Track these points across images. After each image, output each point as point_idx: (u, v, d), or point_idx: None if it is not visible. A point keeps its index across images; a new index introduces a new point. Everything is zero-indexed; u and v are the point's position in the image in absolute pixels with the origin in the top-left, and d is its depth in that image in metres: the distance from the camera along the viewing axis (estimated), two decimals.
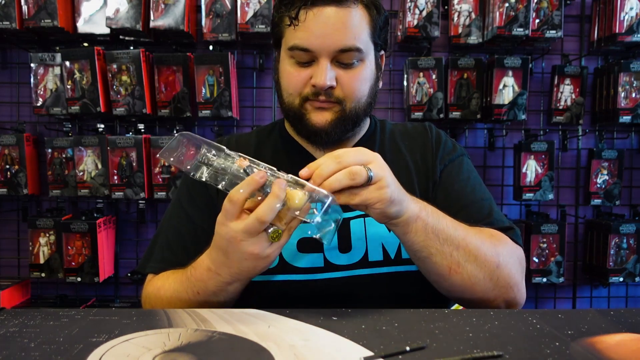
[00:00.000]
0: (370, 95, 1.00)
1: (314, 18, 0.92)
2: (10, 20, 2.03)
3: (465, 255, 0.86)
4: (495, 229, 0.96)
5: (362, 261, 0.97)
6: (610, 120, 2.18)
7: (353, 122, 0.99)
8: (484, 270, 0.87)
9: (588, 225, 2.32)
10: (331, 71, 0.94)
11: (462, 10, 2.15)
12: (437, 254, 0.84)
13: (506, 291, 0.90)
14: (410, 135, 1.10)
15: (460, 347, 0.66)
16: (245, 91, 2.28)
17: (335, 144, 1.02)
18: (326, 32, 0.92)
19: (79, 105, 2.06)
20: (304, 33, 0.93)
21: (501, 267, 0.89)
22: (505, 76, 2.14)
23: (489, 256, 0.88)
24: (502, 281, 0.89)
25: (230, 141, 1.12)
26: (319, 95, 0.95)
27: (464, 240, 0.86)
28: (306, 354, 0.64)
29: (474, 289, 0.87)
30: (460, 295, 0.90)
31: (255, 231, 0.74)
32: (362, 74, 0.97)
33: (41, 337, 0.69)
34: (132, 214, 2.30)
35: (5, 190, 2.13)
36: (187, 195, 1.07)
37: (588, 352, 0.65)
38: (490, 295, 0.89)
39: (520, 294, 0.93)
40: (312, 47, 0.93)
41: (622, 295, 2.38)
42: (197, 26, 2.19)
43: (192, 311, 0.80)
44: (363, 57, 0.96)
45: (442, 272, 0.86)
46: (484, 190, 1.06)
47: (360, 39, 0.94)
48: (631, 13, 2.09)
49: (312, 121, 0.97)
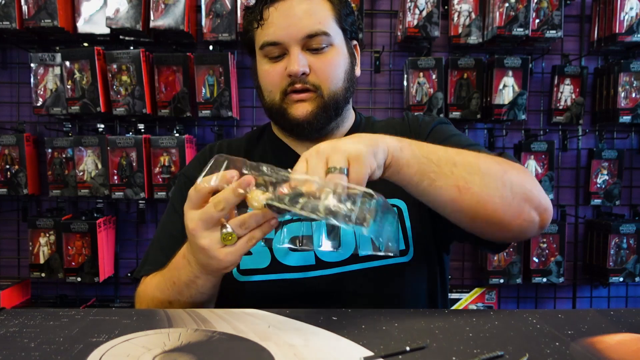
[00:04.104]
0: (346, 80, 1.02)
1: (277, 12, 0.97)
2: (10, 20, 2.03)
3: (466, 168, 0.80)
4: None
5: (352, 257, 0.97)
6: (610, 120, 2.18)
7: (334, 110, 1.00)
8: (493, 179, 0.81)
9: (588, 225, 2.31)
10: (303, 58, 0.97)
11: (462, 10, 2.16)
12: (438, 178, 0.79)
13: (526, 197, 0.83)
14: (392, 127, 1.10)
15: (460, 347, 0.66)
16: (245, 91, 2.28)
17: (321, 137, 1.03)
18: (291, 22, 0.96)
19: (79, 105, 2.06)
20: (270, 29, 0.97)
21: (508, 171, 0.83)
22: (505, 76, 2.14)
23: (491, 164, 0.83)
24: (517, 188, 0.82)
25: (222, 146, 1.13)
26: (296, 84, 0.97)
27: (459, 155, 0.82)
28: (306, 354, 0.64)
29: (493, 202, 0.80)
30: (484, 217, 0.82)
31: (209, 221, 0.73)
32: (334, 58, 0.99)
33: (41, 337, 0.69)
34: (132, 214, 2.30)
35: (5, 190, 2.13)
36: (179, 199, 1.08)
37: (588, 352, 0.65)
38: (514, 206, 0.82)
39: (544, 197, 0.85)
40: (280, 39, 0.97)
41: (622, 295, 2.38)
42: (197, 26, 2.19)
43: (192, 311, 0.80)
44: (332, 42, 0.99)
45: (452, 195, 0.80)
46: (470, 140, 1.02)
47: (326, 23, 0.98)
48: (631, 13, 2.09)
49: (293, 114, 0.99)
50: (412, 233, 0.99)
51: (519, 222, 0.83)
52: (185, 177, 1.10)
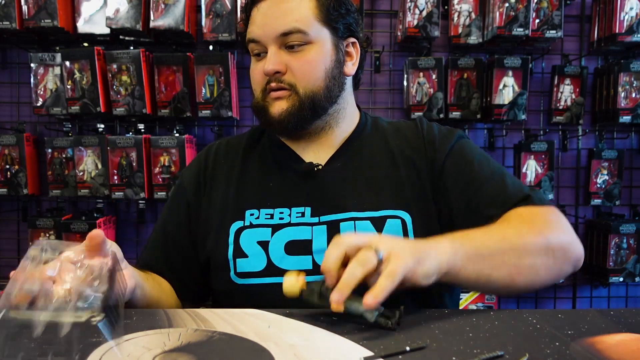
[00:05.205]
0: (326, 80, 1.00)
1: (258, 11, 0.99)
2: (10, 20, 2.03)
3: (516, 253, 0.84)
4: (516, 205, 0.95)
5: None
6: (610, 120, 2.18)
7: (311, 109, 0.99)
8: (539, 254, 0.85)
9: (588, 225, 2.31)
10: (277, 56, 0.97)
11: (462, 10, 2.15)
12: (492, 272, 0.83)
13: (566, 257, 0.89)
14: (402, 133, 1.08)
15: (460, 347, 0.66)
16: (245, 91, 2.28)
17: (312, 137, 1.04)
18: (267, 21, 0.97)
19: (79, 105, 2.06)
20: (252, 26, 1.00)
21: (550, 240, 0.87)
22: (505, 76, 2.14)
23: (535, 238, 0.86)
24: (558, 252, 0.87)
25: (220, 146, 1.13)
26: (271, 83, 0.98)
27: (505, 241, 0.85)
28: (306, 354, 0.64)
29: (540, 276, 0.86)
30: (532, 289, 0.89)
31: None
32: (311, 57, 0.98)
33: (41, 337, 0.69)
34: (132, 214, 2.30)
35: (5, 190, 2.13)
36: (169, 201, 1.12)
37: (588, 352, 0.65)
38: (556, 270, 0.88)
39: (578, 248, 0.91)
40: (257, 36, 0.98)
41: (622, 295, 2.38)
42: (197, 26, 2.19)
43: (192, 311, 0.80)
44: (310, 40, 0.98)
45: (506, 283, 0.84)
46: (492, 164, 1.03)
47: (304, 21, 0.97)
48: (631, 13, 2.09)
49: (270, 112, 0.99)
50: None
51: (563, 276, 0.92)
52: (180, 183, 1.11)
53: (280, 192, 1.02)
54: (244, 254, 0.98)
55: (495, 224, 0.90)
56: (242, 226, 1.00)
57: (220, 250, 0.99)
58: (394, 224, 0.97)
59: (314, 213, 0.99)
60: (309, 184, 1.02)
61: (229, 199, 1.04)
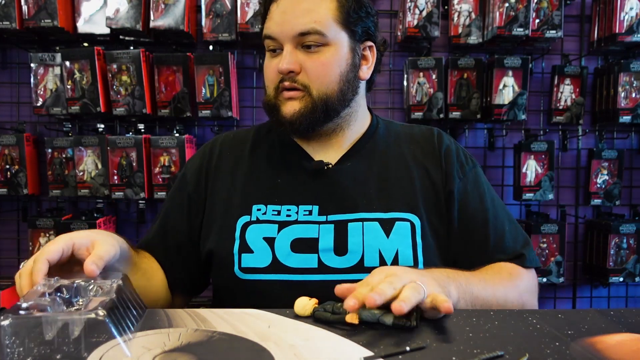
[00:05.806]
0: (340, 83, 0.99)
1: (277, 7, 0.97)
2: (10, 20, 2.02)
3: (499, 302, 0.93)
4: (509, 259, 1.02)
5: (357, 266, 0.96)
6: (610, 120, 2.18)
7: (323, 111, 0.98)
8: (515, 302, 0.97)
9: (588, 225, 2.31)
10: (292, 56, 0.96)
11: (462, 10, 2.15)
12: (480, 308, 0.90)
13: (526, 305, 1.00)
14: (417, 141, 1.08)
15: (460, 347, 0.66)
16: (245, 91, 2.28)
17: (322, 138, 1.04)
18: (286, 19, 0.96)
19: (79, 105, 2.06)
20: (269, 22, 0.99)
21: (525, 302, 0.99)
22: (505, 76, 2.14)
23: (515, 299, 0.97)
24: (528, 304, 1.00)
25: (227, 138, 1.12)
26: (285, 82, 0.97)
27: (494, 297, 0.93)
28: (306, 354, 0.64)
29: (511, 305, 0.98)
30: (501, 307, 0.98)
31: None
32: (327, 59, 0.97)
33: (41, 337, 0.69)
34: (132, 214, 2.30)
35: (5, 190, 2.13)
36: (172, 190, 1.12)
37: (588, 352, 0.65)
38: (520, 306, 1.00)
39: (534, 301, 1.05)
40: (274, 34, 0.97)
41: (622, 295, 2.38)
42: (197, 26, 2.19)
43: (192, 311, 0.80)
44: (327, 42, 0.97)
45: None
46: (497, 205, 1.08)
47: (323, 22, 0.96)
48: (631, 13, 2.09)
49: (282, 112, 0.98)
50: (422, 248, 0.98)
51: None
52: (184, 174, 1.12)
53: (289, 189, 1.02)
54: (250, 249, 0.97)
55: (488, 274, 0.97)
56: (249, 221, 0.99)
57: (225, 244, 0.99)
58: (402, 227, 0.98)
59: (322, 212, 0.99)
60: (318, 183, 1.02)
61: (235, 193, 1.03)
